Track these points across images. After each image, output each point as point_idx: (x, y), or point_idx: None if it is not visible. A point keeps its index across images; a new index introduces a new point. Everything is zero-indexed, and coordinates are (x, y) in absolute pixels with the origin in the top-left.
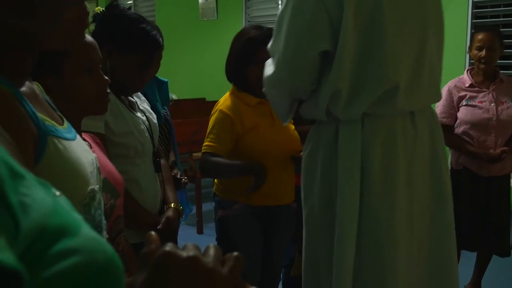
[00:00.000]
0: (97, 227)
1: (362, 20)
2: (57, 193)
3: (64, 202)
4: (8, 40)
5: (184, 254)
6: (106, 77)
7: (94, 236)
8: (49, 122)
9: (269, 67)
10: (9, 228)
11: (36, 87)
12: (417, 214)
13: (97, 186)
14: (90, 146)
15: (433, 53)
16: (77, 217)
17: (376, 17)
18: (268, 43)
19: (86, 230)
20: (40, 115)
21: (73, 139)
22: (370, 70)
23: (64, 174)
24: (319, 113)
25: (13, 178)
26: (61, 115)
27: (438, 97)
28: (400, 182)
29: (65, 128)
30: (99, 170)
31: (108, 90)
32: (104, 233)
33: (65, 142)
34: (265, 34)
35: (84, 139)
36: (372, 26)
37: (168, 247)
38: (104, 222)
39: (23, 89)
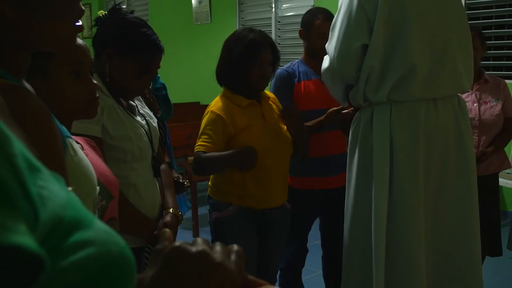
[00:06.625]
0: None
1: (391, 20)
2: (69, 188)
3: (75, 197)
4: (7, 34)
5: (193, 249)
6: (95, 81)
7: (107, 229)
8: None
9: (325, 62)
10: (29, 217)
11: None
12: (437, 197)
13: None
14: (82, 148)
15: (456, 47)
16: (88, 211)
17: (402, 17)
18: (266, 45)
19: (99, 223)
20: None
21: None
22: (395, 56)
23: (81, 177)
24: (359, 98)
25: (31, 171)
26: None
27: (461, 88)
28: (420, 163)
29: None
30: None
31: (108, 93)
32: None
33: (75, 146)
34: (263, 36)
35: (76, 142)
36: (398, 25)
37: (178, 242)
38: None
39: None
